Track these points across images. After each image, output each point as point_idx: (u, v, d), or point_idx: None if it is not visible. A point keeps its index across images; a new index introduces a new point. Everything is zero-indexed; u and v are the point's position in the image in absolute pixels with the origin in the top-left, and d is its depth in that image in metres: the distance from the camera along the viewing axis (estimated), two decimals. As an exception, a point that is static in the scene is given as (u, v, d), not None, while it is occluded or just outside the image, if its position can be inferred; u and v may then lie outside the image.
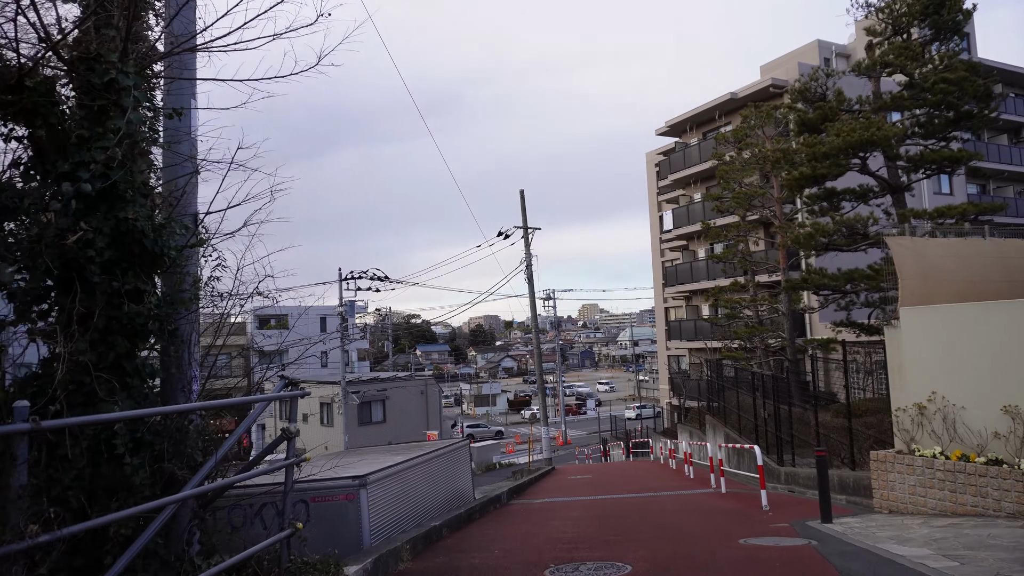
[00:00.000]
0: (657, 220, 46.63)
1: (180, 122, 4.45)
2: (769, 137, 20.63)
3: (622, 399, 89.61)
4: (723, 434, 19.91)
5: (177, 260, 4.04)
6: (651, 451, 29.69)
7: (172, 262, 4.02)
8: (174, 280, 4.37)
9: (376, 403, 38.54)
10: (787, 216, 21.48)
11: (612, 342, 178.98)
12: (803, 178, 11.91)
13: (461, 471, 11.58)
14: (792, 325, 20.54)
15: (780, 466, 14.08)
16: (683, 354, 40.21)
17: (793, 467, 13.46)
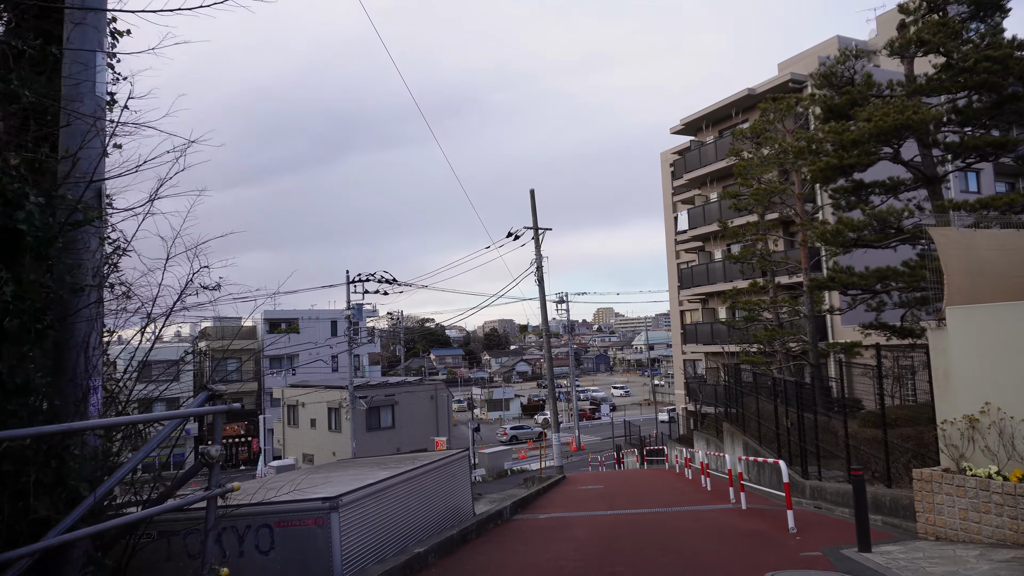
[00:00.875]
0: (672, 221, 45.56)
1: (81, 74, 3.62)
2: (789, 131, 19.59)
3: (637, 404, 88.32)
4: (742, 443, 18.88)
5: (46, 240, 3.18)
6: (666, 459, 28.65)
7: (43, 243, 3.16)
8: (62, 268, 3.51)
9: (384, 408, 37.78)
10: (808, 214, 20.44)
11: (627, 346, 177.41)
12: (829, 168, 10.94)
13: (458, 485, 10.70)
14: (814, 328, 19.48)
15: (805, 479, 13.06)
16: (699, 358, 39.09)
17: (819, 481, 12.44)
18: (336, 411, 37.28)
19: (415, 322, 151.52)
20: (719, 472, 18.12)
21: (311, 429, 39.50)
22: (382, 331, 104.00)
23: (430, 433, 38.88)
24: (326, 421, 38.13)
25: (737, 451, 19.35)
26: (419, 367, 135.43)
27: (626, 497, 15.27)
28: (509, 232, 28.65)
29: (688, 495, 14.71)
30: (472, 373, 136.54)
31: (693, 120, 36.33)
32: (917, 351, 11.05)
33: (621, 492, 16.66)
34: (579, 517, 11.84)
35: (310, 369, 50.22)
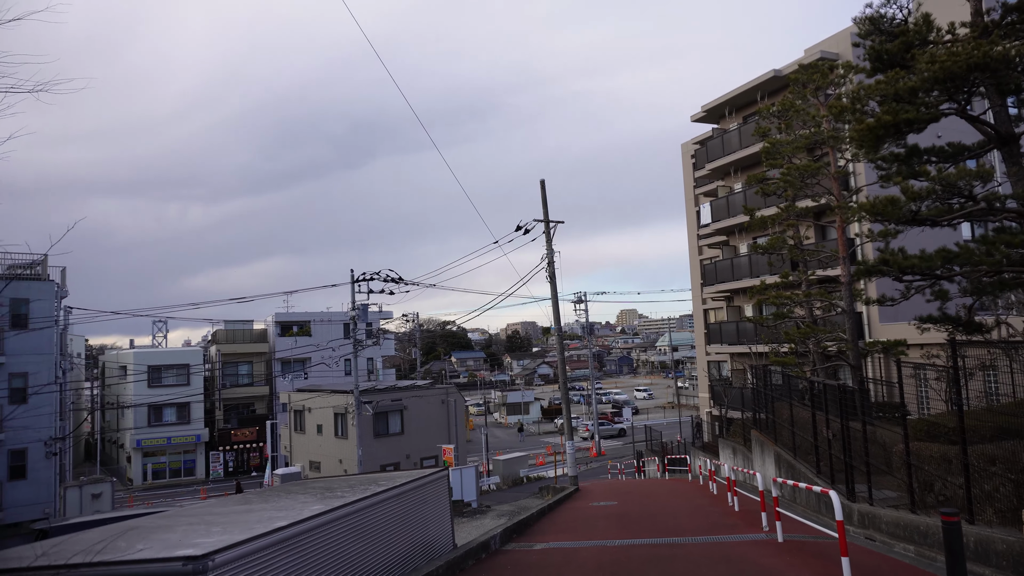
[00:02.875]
0: (694, 215, 43.38)
1: None
2: (823, 104, 17.51)
3: (660, 407, 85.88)
4: (773, 455, 16.81)
5: None
6: (688, 469, 26.54)
7: None
8: None
9: (393, 414, 36.13)
10: (845, 197, 18.29)
11: (651, 347, 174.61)
12: (880, 127, 8.98)
13: (432, 513, 8.86)
14: (854, 325, 17.35)
15: (851, 502, 11.02)
16: (724, 359, 36.87)
17: (870, 504, 10.40)
18: (342, 417, 35.71)
19: (436, 325, 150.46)
20: (752, 495, 16.05)
21: (317, 435, 37.97)
22: (399, 334, 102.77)
23: (442, 439, 37.14)
24: (332, 427, 36.57)
25: (768, 464, 17.27)
26: (440, 370, 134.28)
27: (642, 519, 13.31)
28: (518, 226, 26.77)
29: (713, 518, 12.71)
30: (493, 376, 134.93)
31: (715, 106, 34.21)
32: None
33: (637, 512, 14.70)
34: (582, 551, 9.93)
35: (323, 373, 48.85)
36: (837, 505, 6.96)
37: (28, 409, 28.20)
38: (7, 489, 27.39)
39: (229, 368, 54.60)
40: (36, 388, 28.47)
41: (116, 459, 54.64)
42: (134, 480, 48.72)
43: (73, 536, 5.82)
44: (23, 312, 28.67)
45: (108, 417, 55.65)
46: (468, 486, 27.00)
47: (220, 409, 53.32)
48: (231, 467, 51.29)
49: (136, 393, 48.46)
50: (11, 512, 27.10)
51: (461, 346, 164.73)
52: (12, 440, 27.58)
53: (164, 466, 49.87)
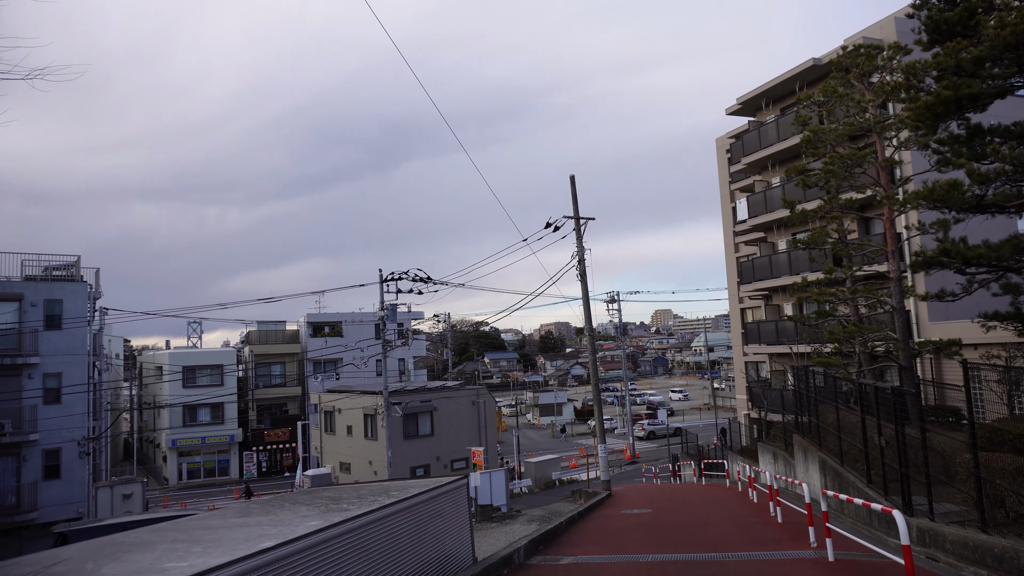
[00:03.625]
0: (730, 211, 42.14)
1: None
2: (869, 89, 16.43)
3: (696, 408, 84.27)
4: (818, 461, 15.82)
5: None
6: (726, 474, 25.54)
7: None
8: None
9: (423, 415, 35.71)
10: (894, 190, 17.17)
11: (686, 348, 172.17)
12: (940, 104, 8.10)
13: (450, 525, 8.23)
14: (904, 323, 16.25)
15: (908, 515, 10.09)
16: (762, 360, 35.63)
17: (931, 520, 9.47)
18: (372, 418, 35.43)
19: (469, 326, 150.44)
20: (797, 507, 15.10)
21: (347, 436, 37.76)
22: (432, 335, 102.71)
23: (472, 441, 36.61)
24: (362, 428, 36.30)
25: (812, 471, 16.28)
26: (473, 371, 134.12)
27: (677, 531, 12.50)
28: (548, 223, 26.10)
29: (755, 530, 11.85)
30: (527, 377, 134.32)
31: (751, 98, 33.05)
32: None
33: (672, 521, 13.88)
34: (612, 567, 9.20)
35: (355, 374, 48.77)
36: (903, 527, 6.13)
37: (62, 409, 28.46)
38: (42, 488, 27.61)
39: (262, 369, 54.92)
40: (69, 388, 28.69)
41: (153, 458, 55.38)
42: (170, 479, 49.24)
43: (48, 554, 5.33)
44: (56, 313, 28.90)
45: (145, 417, 56.45)
46: (498, 490, 26.35)
47: (253, 409, 53.63)
48: (264, 467, 51.53)
49: (171, 393, 48.98)
50: (45, 511, 27.30)
51: (494, 347, 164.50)
52: (46, 440, 27.79)
53: (199, 466, 50.31)
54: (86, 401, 29.27)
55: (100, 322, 35.14)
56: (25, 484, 27.13)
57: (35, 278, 29.10)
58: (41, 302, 28.53)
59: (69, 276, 30.04)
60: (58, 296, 28.98)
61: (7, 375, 27.41)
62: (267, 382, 55.17)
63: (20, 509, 26.67)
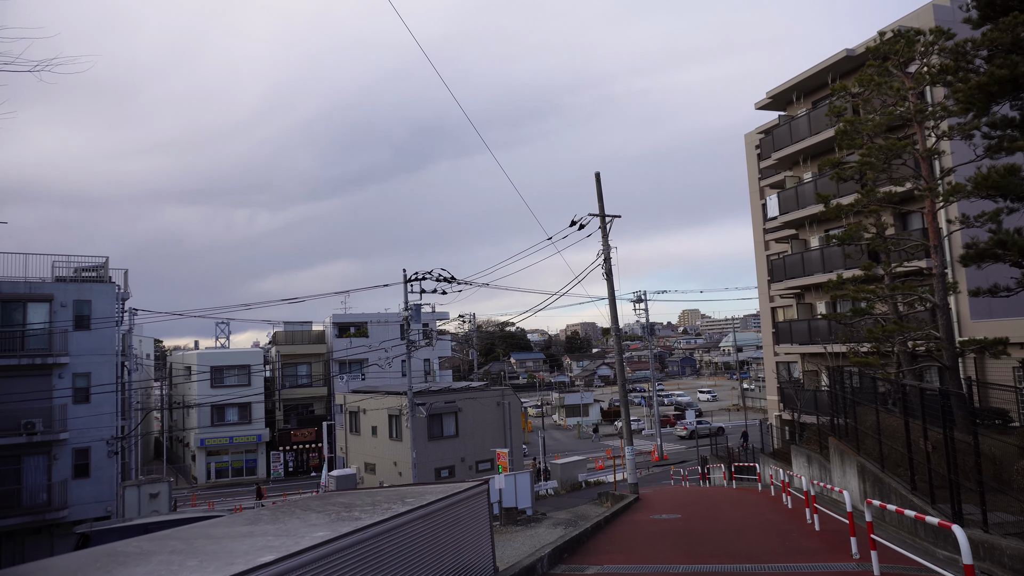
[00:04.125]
0: (760, 208, 41.23)
1: None
2: (909, 77, 15.68)
3: (725, 409, 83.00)
4: (856, 466, 15.14)
5: None
6: (758, 478, 24.80)
7: None
8: None
9: (447, 416, 35.44)
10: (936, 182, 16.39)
11: (714, 348, 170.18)
12: (994, 83, 7.50)
13: (469, 533, 7.84)
14: (947, 321, 15.49)
15: (960, 525, 9.45)
16: (794, 360, 34.72)
17: (985, 531, 8.84)
18: (397, 418, 35.26)
19: (495, 326, 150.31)
20: (837, 515, 14.47)
21: (372, 437, 37.64)
22: (458, 335, 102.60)
23: (497, 442, 36.25)
24: (387, 429, 36.15)
25: (849, 477, 15.60)
26: (499, 371, 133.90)
27: (709, 538, 11.97)
28: (572, 220, 25.61)
29: (791, 539, 11.28)
30: (553, 377, 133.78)
31: (781, 92, 32.20)
32: None
33: (703, 528, 13.34)
34: None
35: (380, 374, 48.74)
36: (965, 545, 5.60)
37: (91, 408, 28.72)
38: (72, 487, 27.87)
39: (288, 369, 55.20)
40: (97, 388, 28.94)
41: (182, 457, 56.00)
42: (198, 479, 49.70)
43: (39, 565, 5.06)
44: (85, 314, 29.17)
45: (176, 416, 57.11)
46: (523, 492, 25.94)
47: (280, 409, 53.93)
48: (291, 467, 51.78)
49: (200, 393, 49.43)
50: (75, 510, 27.55)
51: (520, 347, 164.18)
52: (76, 439, 28.05)
53: (227, 465, 50.71)
54: (115, 401, 29.51)
55: (130, 322, 35.51)
56: (56, 482, 27.41)
57: (65, 279, 29.41)
58: (71, 303, 28.82)
59: (98, 277, 30.33)
60: (87, 297, 29.25)
61: (38, 375, 27.71)
62: (293, 382, 55.45)
63: (51, 507, 26.94)
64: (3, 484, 26.45)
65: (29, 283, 28.41)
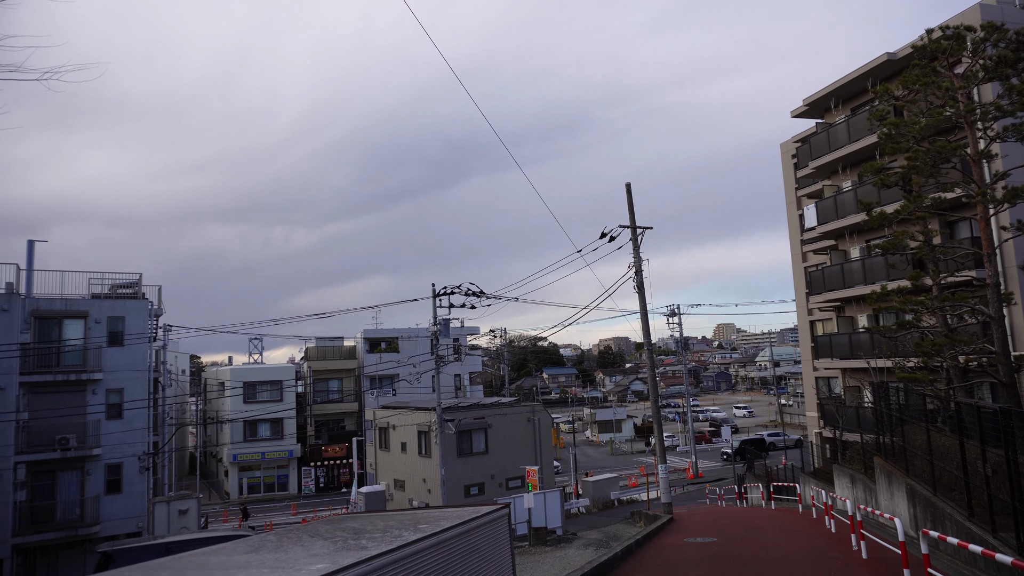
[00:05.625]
0: (796, 219, 40.19)
1: None
2: (958, 76, 14.85)
3: (762, 425, 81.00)
4: (905, 489, 14.24)
5: None
6: (799, 499, 23.78)
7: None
8: None
9: (477, 432, 34.95)
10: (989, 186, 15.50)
11: (750, 363, 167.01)
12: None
13: (487, 561, 7.33)
14: (1003, 334, 14.54)
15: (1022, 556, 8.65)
16: (835, 375, 33.52)
17: (1055, 565, 8.01)
18: (426, 435, 34.88)
19: (527, 341, 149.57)
20: (890, 545, 13.60)
21: (402, 453, 37.30)
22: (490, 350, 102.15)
23: (527, 459, 35.62)
24: (416, 445, 35.79)
25: (898, 500, 14.69)
26: (531, 386, 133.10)
27: (749, 566, 11.25)
28: (603, 232, 25.08)
29: (838, 568, 10.52)
30: (586, 392, 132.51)
31: (819, 99, 31.33)
32: None
33: (741, 555, 12.59)
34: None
35: (411, 390, 48.54)
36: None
37: (124, 424, 28.91)
38: (104, 502, 28.01)
39: (320, 384, 55.35)
40: (130, 403, 29.13)
41: (216, 473, 56.38)
42: (230, 494, 49.89)
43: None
44: (119, 330, 29.45)
45: (209, 431, 57.61)
46: (552, 511, 25.30)
47: (311, 425, 54.02)
48: (322, 483, 51.73)
49: (232, 409, 49.75)
50: (107, 525, 27.66)
51: (553, 362, 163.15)
52: (108, 455, 28.23)
53: (259, 480, 50.85)
54: (147, 416, 29.67)
55: (164, 339, 35.87)
56: (88, 498, 27.56)
57: (100, 296, 29.79)
58: (105, 319, 29.13)
59: (132, 294, 30.67)
60: (120, 313, 29.54)
61: (72, 391, 28.00)
62: (324, 398, 55.55)
63: (83, 523, 27.08)
64: (38, 499, 26.68)
65: (65, 300, 28.81)
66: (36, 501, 26.46)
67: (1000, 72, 9.35)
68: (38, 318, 27.63)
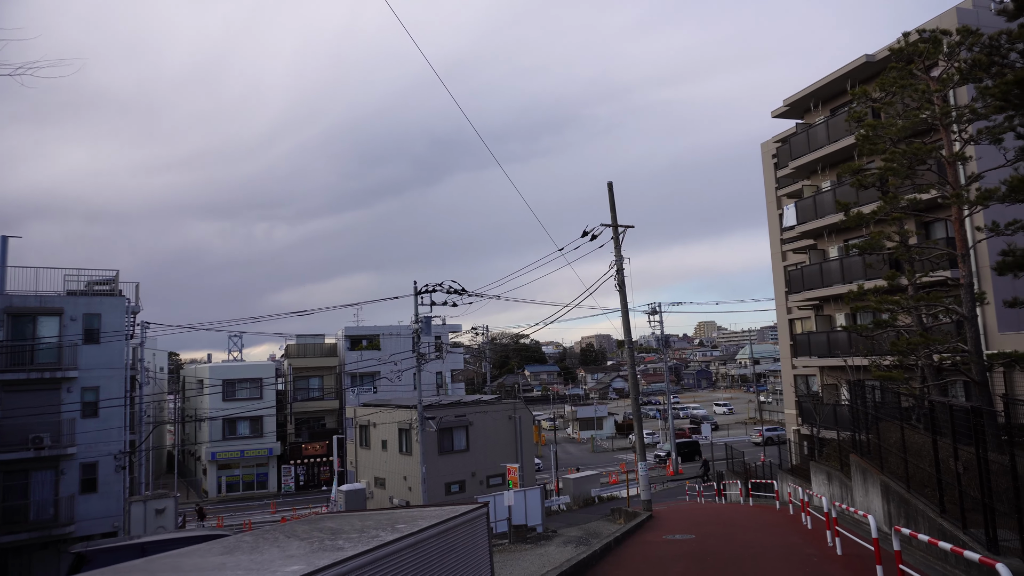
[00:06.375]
0: (776, 218, 40.54)
1: None
2: (934, 79, 15.07)
3: (742, 422, 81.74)
4: (879, 485, 14.45)
5: None
6: (776, 496, 24.03)
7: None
8: None
9: (458, 430, 34.90)
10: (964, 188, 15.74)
11: (730, 360, 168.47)
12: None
13: (465, 561, 7.32)
14: (976, 334, 14.80)
15: (993, 553, 8.82)
16: (813, 373, 33.91)
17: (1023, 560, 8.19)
18: (407, 432, 34.76)
19: (509, 339, 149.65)
20: (863, 541, 13.79)
21: (382, 451, 37.16)
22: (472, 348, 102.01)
23: (508, 457, 35.66)
24: (397, 443, 35.67)
25: (873, 496, 14.90)
26: (513, 384, 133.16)
27: (726, 565, 11.35)
28: (584, 231, 25.13)
29: (813, 564, 10.64)
30: (567, 390, 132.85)
31: (799, 99, 31.62)
32: None
33: (719, 551, 12.70)
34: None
35: (392, 387, 48.32)
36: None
37: (99, 423, 28.50)
38: (79, 502, 27.61)
39: (300, 382, 54.96)
40: (106, 402, 28.72)
41: (194, 471, 55.81)
42: (209, 492, 49.41)
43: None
44: (95, 327, 29.02)
45: (188, 430, 57.00)
46: (533, 509, 25.37)
47: (291, 423, 53.64)
48: (302, 481, 51.40)
49: (212, 407, 49.25)
50: (82, 525, 27.28)
51: (535, 360, 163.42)
52: (84, 454, 27.82)
53: (238, 479, 50.40)
54: (123, 415, 29.28)
55: (142, 336, 35.39)
56: (63, 497, 27.16)
57: (76, 293, 29.32)
58: (80, 316, 28.69)
59: (109, 291, 30.22)
60: (97, 310, 29.11)
61: (47, 389, 27.55)
62: (305, 396, 55.17)
63: (58, 523, 26.68)
64: (10, 499, 26.23)
65: (40, 297, 28.33)
66: (8, 501, 26.01)
67: (974, 75, 9.50)
68: (11, 315, 27.15)
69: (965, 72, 9.34)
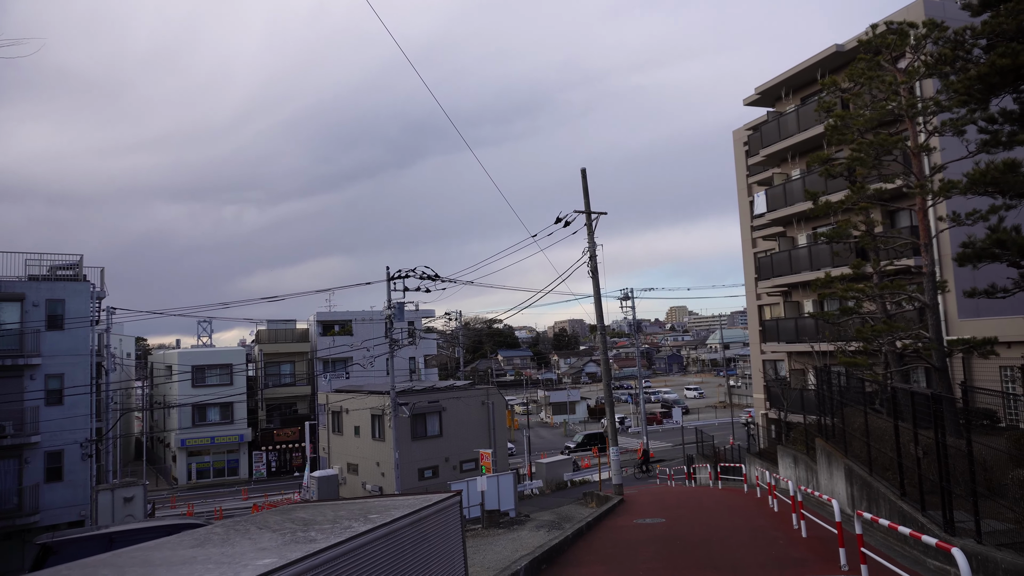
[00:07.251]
0: (747, 205, 40.98)
1: None
2: (901, 71, 15.33)
3: (712, 406, 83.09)
4: (843, 469, 14.83)
5: None
6: (744, 478, 24.51)
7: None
8: None
9: (431, 415, 34.94)
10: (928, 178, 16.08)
11: (701, 345, 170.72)
12: (995, 74, 7.13)
13: (438, 549, 7.38)
14: (937, 321, 15.19)
15: (950, 534, 9.13)
16: (781, 358, 34.51)
17: (978, 542, 8.48)
18: (380, 418, 34.70)
19: (483, 323, 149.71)
20: (826, 526, 14.12)
21: (355, 437, 37.07)
22: (446, 333, 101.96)
23: (481, 442, 35.81)
24: (370, 429, 35.60)
25: (837, 480, 15.29)
26: (486, 368, 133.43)
27: (694, 547, 11.58)
28: (558, 218, 25.16)
29: (778, 547, 10.91)
30: (540, 374, 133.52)
31: (770, 88, 31.89)
32: None
33: (687, 534, 12.94)
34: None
35: (365, 373, 48.07)
36: (965, 568, 5.20)
37: (64, 411, 27.97)
38: (44, 491, 27.14)
39: (272, 368, 54.43)
40: (71, 389, 28.19)
41: (163, 458, 55.11)
42: (179, 480, 48.89)
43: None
44: (59, 313, 28.39)
45: (157, 416, 56.19)
46: (506, 494, 25.57)
47: (263, 409, 53.18)
48: (274, 467, 51.08)
49: (181, 393, 48.58)
50: (48, 514, 26.84)
51: (508, 344, 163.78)
52: (48, 442, 27.31)
53: (208, 466, 49.90)
54: (89, 402, 28.77)
55: (108, 322, 34.69)
56: (27, 487, 26.67)
57: (38, 278, 28.61)
58: (43, 302, 28.03)
59: (73, 276, 29.55)
60: (60, 296, 28.46)
61: (9, 376, 26.94)
62: (277, 381, 54.67)
63: (22, 512, 26.21)
64: (-28, 488, 25.71)
65: (0, 282, 27.62)
66: (-30, 491, 25.50)
67: (939, 69, 9.71)
68: (-30, 301, 26.45)
69: (931, 65, 9.53)
